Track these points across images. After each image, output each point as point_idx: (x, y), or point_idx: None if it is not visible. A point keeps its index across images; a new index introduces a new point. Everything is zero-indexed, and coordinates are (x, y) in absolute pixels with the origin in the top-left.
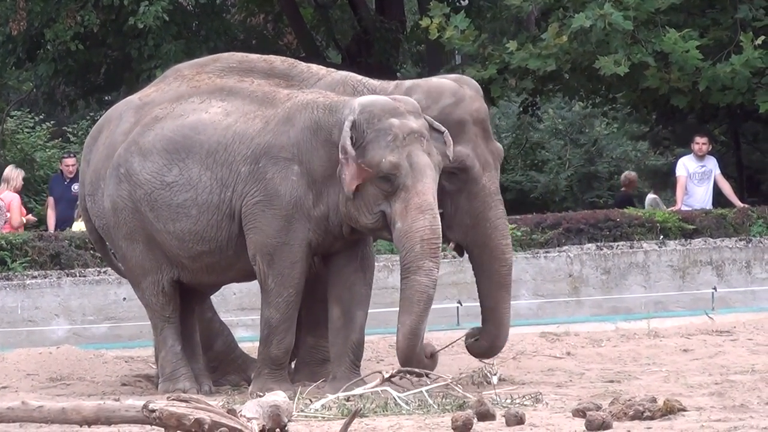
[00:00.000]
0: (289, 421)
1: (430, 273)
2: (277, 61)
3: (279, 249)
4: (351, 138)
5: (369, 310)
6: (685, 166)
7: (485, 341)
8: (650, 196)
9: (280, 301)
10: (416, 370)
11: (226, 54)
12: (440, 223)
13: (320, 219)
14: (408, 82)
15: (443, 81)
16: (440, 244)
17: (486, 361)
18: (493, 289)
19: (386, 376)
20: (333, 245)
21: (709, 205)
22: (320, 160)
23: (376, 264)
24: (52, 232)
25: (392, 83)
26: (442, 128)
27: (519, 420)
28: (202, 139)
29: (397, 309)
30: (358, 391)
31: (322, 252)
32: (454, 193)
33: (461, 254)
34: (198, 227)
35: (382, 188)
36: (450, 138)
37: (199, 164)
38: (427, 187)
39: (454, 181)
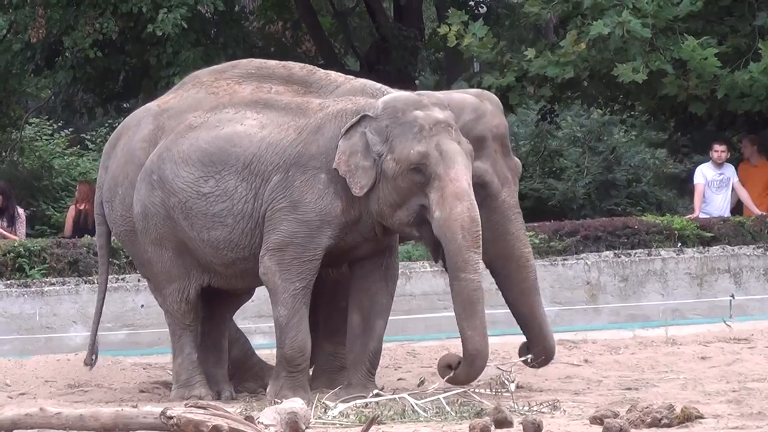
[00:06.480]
0: (306, 428)
1: (477, 266)
2: (296, 67)
3: (289, 246)
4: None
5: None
6: (704, 173)
7: (536, 349)
8: None
9: (287, 297)
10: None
11: (244, 60)
12: (478, 210)
13: (349, 224)
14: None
15: (465, 96)
16: (480, 232)
17: (503, 368)
18: (525, 296)
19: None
20: (360, 247)
21: (727, 213)
22: None
23: None
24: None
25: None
26: None
27: (537, 427)
28: (237, 152)
29: (414, 316)
30: (375, 399)
31: (347, 252)
32: None
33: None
34: (233, 236)
35: (414, 180)
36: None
37: (235, 176)
38: (460, 174)
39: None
